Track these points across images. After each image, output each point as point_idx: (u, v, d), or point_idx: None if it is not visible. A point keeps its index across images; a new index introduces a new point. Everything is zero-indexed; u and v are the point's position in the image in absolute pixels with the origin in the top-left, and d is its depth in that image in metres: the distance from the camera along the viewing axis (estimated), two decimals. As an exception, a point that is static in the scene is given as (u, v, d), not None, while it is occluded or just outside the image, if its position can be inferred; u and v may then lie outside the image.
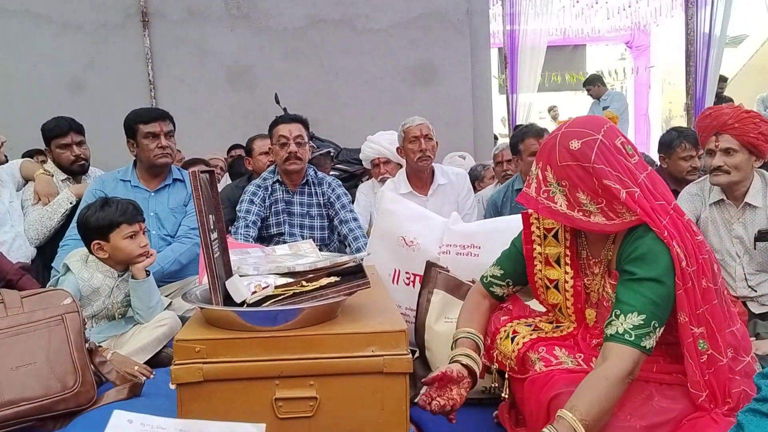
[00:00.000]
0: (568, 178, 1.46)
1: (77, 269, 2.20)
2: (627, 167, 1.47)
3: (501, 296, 1.78)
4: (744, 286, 2.51)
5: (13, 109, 5.58)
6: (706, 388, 1.42)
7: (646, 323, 1.39)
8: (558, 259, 1.65)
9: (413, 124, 3.41)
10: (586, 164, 1.45)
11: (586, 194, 1.46)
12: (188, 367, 1.45)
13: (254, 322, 1.49)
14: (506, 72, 8.41)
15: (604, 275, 1.57)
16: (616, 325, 1.41)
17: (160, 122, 2.88)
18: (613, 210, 1.46)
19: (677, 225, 1.46)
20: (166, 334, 2.23)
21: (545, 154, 1.52)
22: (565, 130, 1.51)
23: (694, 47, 6.42)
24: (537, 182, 1.52)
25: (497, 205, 3.22)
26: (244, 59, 5.90)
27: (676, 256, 1.40)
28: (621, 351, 1.38)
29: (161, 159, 2.90)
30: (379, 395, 1.49)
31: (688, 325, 1.40)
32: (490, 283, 1.77)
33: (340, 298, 1.55)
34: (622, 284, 1.46)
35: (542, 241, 1.68)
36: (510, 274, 1.74)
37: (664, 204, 1.48)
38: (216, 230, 1.65)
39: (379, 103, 5.99)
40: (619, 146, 1.49)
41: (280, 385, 1.47)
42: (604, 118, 1.58)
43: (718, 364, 1.44)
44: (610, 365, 1.37)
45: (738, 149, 2.40)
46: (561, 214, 1.48)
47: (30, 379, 1.74)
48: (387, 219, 2.49)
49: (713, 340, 1.44)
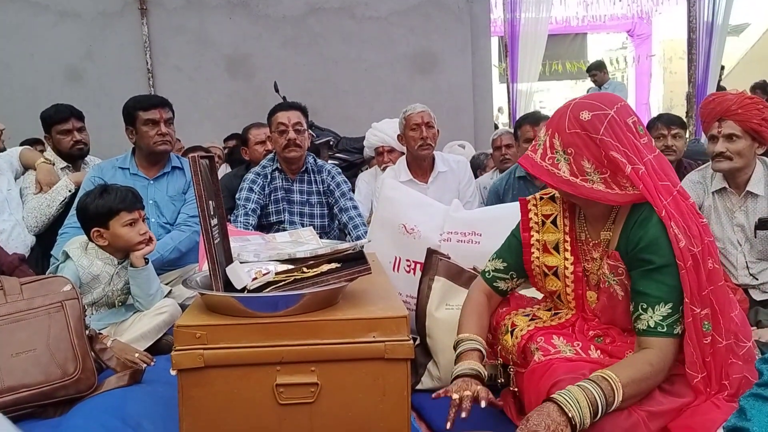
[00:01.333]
0: (574, 145, 1.45)
1: (77, 256, 2.19)
2: (635, 145, 1.46)
3: (505, 291, 1.76)
4: (745, 274, 2.50)
5: (10, 98, 5.56)
6: (704, 370, 1.41)
7: (674, 310, 1.41)
8: (557, 245, 1.65)
9: (414, 112, 3.37)
10: (594, 135, 1.44)
11: (591, 163, 1.45)
12: (189, 353, 1.44)
13: (255, 308, 1.48)
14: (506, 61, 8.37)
15: (603, 257, 1.56)
16: (646, 319, 1.42)
17: (159, 109, 2.87)
18: (616, 182, 1.45)
19: (680, 206, 1.46)
20: (167, 322, 2.23)
21: (555, 121, 1.51)
22: (579, 101, 1.50)
23: (696, 36, 6.38)
24: (543, 148, 1.51)
25: (499, 194, 3.20)
26: (243, 47, 5.87)
27: (673, 236, 1.40)
28: (660, 343, 1.40)
29: (161, 146, 2.88)
30: (381, 381, 1.48)
31: (690, 305, 1.40)
32: (493, 278, 1.75)
33: (341, 283, 1.54)
34: (641, 275, 1.45)
35: (540, 228, 1.67)
36: (513, 266, 1.72)
37: (668, 185, 1.48)
38: (216, 216, 1.63)
39: (378, 92, 5.96)
40: (630, 124, 1.48)
41: (281, 371, 1.46)
42: (620, 97, 1.56)
43: (717, 346, 1.43)
44: (653, 354, 1.40)
45: (741, 135, 2.38)
46: (563, 180, 1.47)
47: (30, 366, 1.74)
48: (387, 206, 2.48)
49: (716, 322, 1.43)
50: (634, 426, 1.36)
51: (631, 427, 1.35)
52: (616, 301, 1.54)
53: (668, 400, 1.43)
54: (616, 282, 1.52)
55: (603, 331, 1.58)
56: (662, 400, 1.42)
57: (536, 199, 1.71)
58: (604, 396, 1.31)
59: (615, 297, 1.54)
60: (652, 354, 1.40)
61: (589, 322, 1.61)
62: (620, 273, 1.51)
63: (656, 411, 1.40)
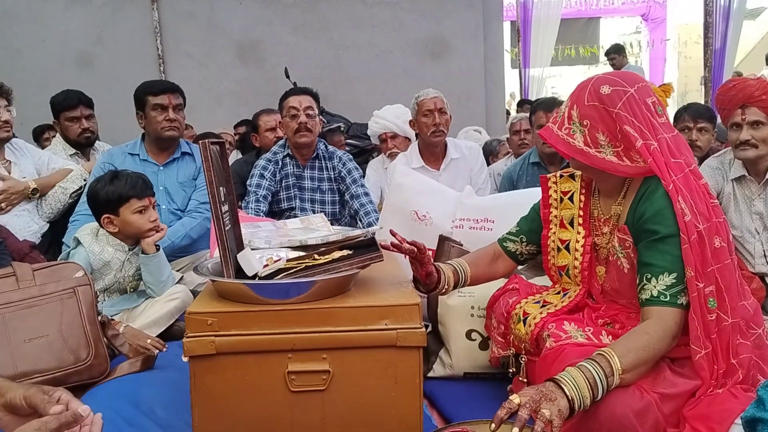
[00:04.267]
0: (590, 117, 1.48)
1: (88, 243, 2.19)
2: (651, 122, 1.47)
3: (512, 252, 1.81)
4: (763, 262, 2.46)
5: (22, 83, 5.53)
6: (707, 346, 1.39)
7: (678, 281, 1.40)
8: (572, 220, 1.68)
9: (427, 97, 3.33)
10: (611, 108, 1.46)
11: (605, 135, 1.47)
12: (200, 340, 1.43)
13: (266, 295, 1.47)
14: (519, 46, 8.28)
15: (612, 231, 1.58)
16: (649, 288, 1.42)
17: (169, 95, 2.85)
18: (628, 156, 1.47)
19: (690, 184, 1.45)
20: (178, 308, 2.23)
21: (576, 93, 1.54)
22: (602, 76, 1.54)
23: (712, 19, 6.28)
24: (562, 119, 1.55)
25: (513, 180, 3.17)
26: (254, 33, 5.84)
27: (679, 210, 1.40)
28: (660, 311, 1.39)
29: (168, 132, 2.87)
30: (393, 369, 1.47)
31: (694, 280, 1.38)
32: (504, 239, 1.84)
33: (353, 271, 1.53)
34: (646, 246, 1.45)
35: (559, 204, 1.72)
36: (524, 231, 1.80)
37: (681, 163, 1.47)
38: (227, 203, 1.62)
39: (389, 77, 5.92)
40: (649, 103, 1.49)
41: (293, 359, 1.45)
42: (643, 78, 1.59)
43: (723, 324, 1.42)
44: (650, 323, 1.39)
45: (766, 122, 2.33)
46: (577, 149, 1.50)
47: (43, 352, 1.74)
48: (399, 193, 2.46)
49: (721, 300, 1.42)
50: (646, 407, 1.33)
51: (643, 408, 1.33)
52: (623, 274, 1.55)
53: (681, 381, 1.41)
54: (623, 255, 1.54)
55: (611, 317, 1.58)
56: (675, 381, 1.40)
57: (556, 177, 1.75)
58: (601, 369, 1.30)
59: (621, 270, 1.55)
60: (651, 323, 1.39)
61: (597, 311, 1.60)
62: (627, 246, 1.52)
63: (669, 393, 1.38)
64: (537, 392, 1.26)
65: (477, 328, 1.95)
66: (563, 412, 1.22)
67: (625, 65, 7.89)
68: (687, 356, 1.42)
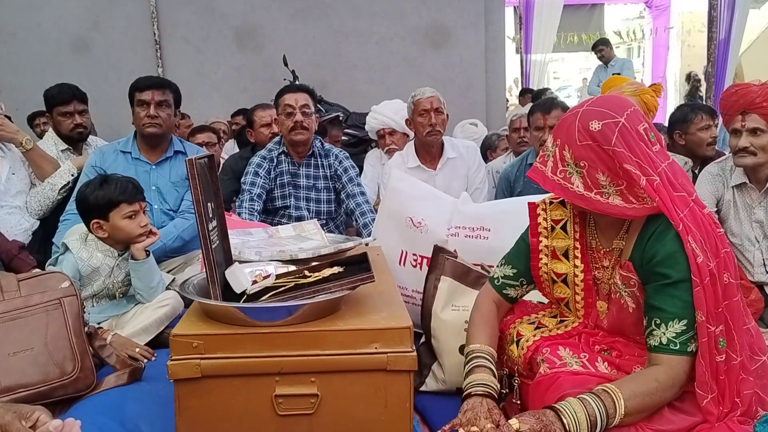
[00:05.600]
0: (588, 158, 1.39)
1: (76, 249, 2.14)
2: (648, 155, 1.39)
3: (515, 298, 1.70)
4: (762, 272, 2.43)
5: (17, 68, 5.50)
6: (714, 390, 1.36)
7: (688, 328, 1.35)
8: (566, 252, 1.59)
9: (423, 97, 3.25)
10: (606, 146, 1.37)
11: (606, 175, 1.38)
12: (185, 363, 1.40)
13: (254, 317, 1.43)
14: (521, 32, 8.18)
15: (614, 266, 1.51)
16: (659, 335, 1.36)
17: (153, 90, 2.79)
18: (633, 194, 1.39)
19: (696, 218, 1.39)
20: (168, 315, 2.19)
21: (563, 133, 1.43)
22: (587, 109, 1.42)
23: (717, 8, 6.19)
24: (554, 161, 1.44)
25: (510, 181, 3.12)
26: (252, 19, 5.76)
27: (691, 251, 1.33)
28: (669, 360, 1.35)
29: (148, 129, 2.81)
30: (383, 393, 1.44)
31: (705, 324, 1.34)
32: (503, 285, 1.68)
33: (343, 292, 1.49)
34: (656, 289, 1.39)
35: (549, 234, 1.61)
36: (523, 272, 1.66)
37: (684, 195, 1.41)
38: (215, 218, 1.58)
39: (389, 66, 5.85)
40: (641, 132, 1.41)
41: (281, 382, 1.43)
42: (627, 101, 1.48)
43: (731, 363, 1.38)
44: (660, 370, 1.35)
45: (766, 129, 2.29)
46: (577, 195, 1.41)
47: (27, 365, 1.71)
48: (394, 198, 2.42)
49: (730, 338, 1.38)
50: None
51: None
52: (626, 313, 1.48)
53: (679, 418, 1.38)
54: (627, 294, 1.47)
55: (609, 345, 1.53)
56: (672, 418, 1.37)
57: (545, 203, 1.64)
58: (604, 408, 1.27)
59: (625, 309, 1.48)
60: (661, 370, 1.35)
61: (594, 336, 1.55)
62: (632, 285, 1.45)
63: (665, 430, 1.35)
64: (538, 421, 1.23)
65: (470, 342, 1.91)
66: None
67: (613, 57, 7.81)
68: (686, 390, 1.39)
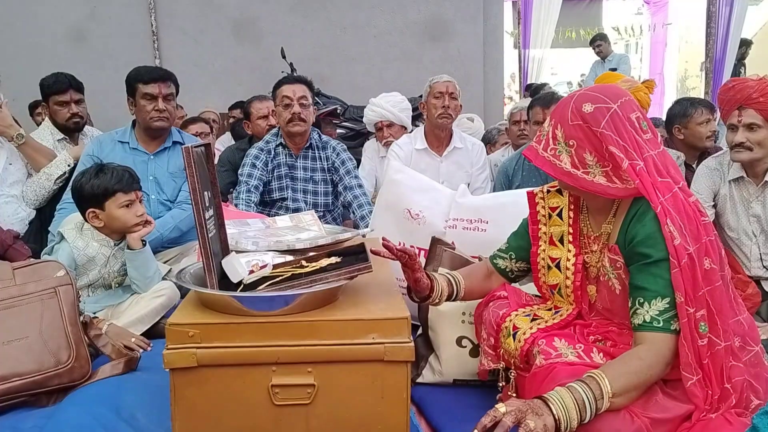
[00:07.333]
0: (576, 137, 1.44)
1: (72, 238, 2.13)
2: (636, 141, 1.43)
3: (504, 269, 1.79)
4: (759, 266, 2.43)
5: (13, 57, 5.46)
6: (699, 372, 1.37)
7: (671, 306, 1.37)
8: (561, 237, 1.64)
9: (440, 80, 3.40)
10: (594, 128, 1.42)
11: (593, 155, 1.44)
12: (181, 352, 1.40)
13: (251, 307, 1.43)
14: (519, 27, 8.17)
15: (602, 250, 1.55)
16: (642, 313, 1.39)
17: (159, 84, 2.77)
18: (618, 176, 1.43)
19: (678, 203, 1.41)
20: (164, 305, 2.18)
21: (558, 112, 1.49)
22: (583, 92, 1.49)
23: (715, 3, 6.17)
24: (546, 139, 1.50)
25: (508, 174, 3.13)
26: (250, 10, 5.72)
27: (668, 233, 1.37)
28: (653, 337, 1.37)
29: (157, 122, 2.80)
30: (380, 383, 1.44)
31: (684, 305, 1.35)
32: (495, 256, 1.81)
33: (340, 282, 1.49)
34: (638, 269, 1.42)
35: (547, 221, 1.68)
36: (513, 248, 1.77)
37: (668, 182, 1.44)
38: (212, 207, 1.57)
39: (387, 59, 5.83)
40: (633, 120, 1.45)
41: (277, 372, 1.42)
42: (625, 91, 1.52)
43: (715, 348, 1.39)
44: (643, 348, 1.37)
45: (762, 125, 2.29)
46: (564, 171, 1.46)
47: (22, 354, 1.70)
48: (392, 189, 2.41)
49: (713, 324, 1.39)
50: None
51: None
52: (614, 295, 1.52)
53: (674, 405, 1.38)
54: (614, 276, 1.51)
55: (603, 334, 1.54)
56: (667, 405, 1.38)
57: (543, 192, 1.70)
58: (590, 391, 1.27)
59: (613, 291, 1.52)
60: (644, 348, 1.37)
61: (588, 327, 1.56)
62: (618, 267, 1.49)
63: (661, 418, 1.35)
64: (524, 404, 1.24)
65: (468, 334, 1.91)
66: (549, 428, 1.21)
67: (611, 53, 7.80)
68: (680, 378, 1.39)
